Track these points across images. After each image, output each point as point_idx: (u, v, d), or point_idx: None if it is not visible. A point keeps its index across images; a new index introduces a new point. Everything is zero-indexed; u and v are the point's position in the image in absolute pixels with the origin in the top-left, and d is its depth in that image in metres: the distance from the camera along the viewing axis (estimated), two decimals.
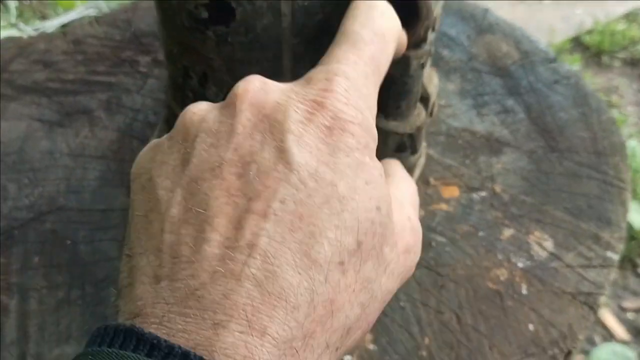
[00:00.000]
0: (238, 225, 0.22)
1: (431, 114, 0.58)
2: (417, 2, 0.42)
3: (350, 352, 0.25)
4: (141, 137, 0.61)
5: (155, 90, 0.66)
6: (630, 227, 1.36)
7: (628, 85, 1.81)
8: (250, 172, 0.23)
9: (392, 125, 0.52)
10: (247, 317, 0.20)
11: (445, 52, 0.71)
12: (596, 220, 0.55)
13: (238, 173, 0.24)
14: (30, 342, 0.47)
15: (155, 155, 0.27)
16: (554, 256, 0.52)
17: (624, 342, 1.17)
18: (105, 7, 1.77)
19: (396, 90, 0.49)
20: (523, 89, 0.67)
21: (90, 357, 0.20)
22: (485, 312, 0.49)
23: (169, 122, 0.58)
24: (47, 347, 0.46)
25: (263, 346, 0.20)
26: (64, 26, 1.77)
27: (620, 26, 1.97)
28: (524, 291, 0.50)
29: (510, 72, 0.69)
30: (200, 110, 0.28)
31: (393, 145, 0.53)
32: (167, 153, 0.26)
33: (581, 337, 0.48)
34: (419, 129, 0.52)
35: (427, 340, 0.47)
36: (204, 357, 0.19)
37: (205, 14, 0.42)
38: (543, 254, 0.53)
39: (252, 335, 0.20)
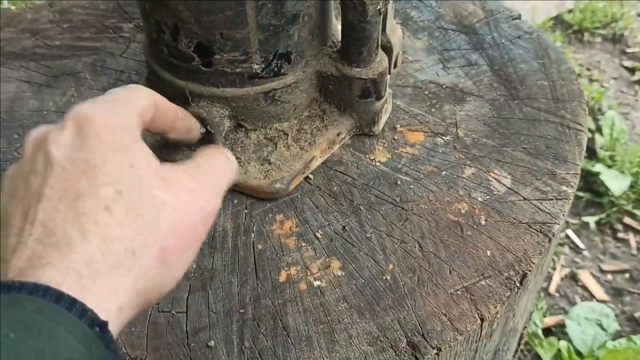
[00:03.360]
0: (25, 216, 0.33)
1: (395, 65, 0.62)
2: None
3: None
4: None
5: (137, 53, 0.69)
6: (610, 194, 1.40)
7: (609, 60, 1.85)
8: (31, 181, 0.34)
9: (355, 71, 0.55)
10: (34, 261, 0.31)
11: (413, 13, 0.75)
12: (553, 159, 0.59)
13: (24, 185, 0.34)
14: None
15: None
16: (511, 191, 0.56)
17: (603, 302, 1.21)
18: None
19: (356, 37, 0.53)
20: (487, 44, 0.70)
21: None
22: (446, 241, 0.52)
23: (149, 79, 0.62)
24: None
25: (45, 271, 0.30)
26: None
27: (601, 4, 2.00)
28: (483, 222, 0.54)
29: (475, 29, 0.72)
30: (12, 169, 0.37)
31: (357, 91, 0.56)
32: None
33: (535, 261, 0.52)
34: (381, 74, 0.55)
35: (391, 266, 0.51)
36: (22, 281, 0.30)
37: None
38: (502, 189, 0.56)
39: (38, 268, 0.30)
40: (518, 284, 0.50)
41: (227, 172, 0.42)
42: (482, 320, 0.48)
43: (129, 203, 0.33)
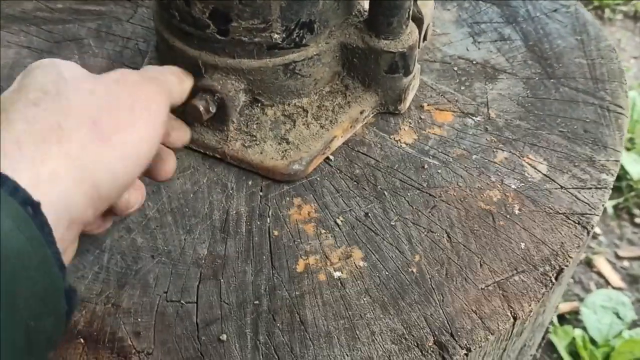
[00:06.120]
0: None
1: (425, 38, 0.57)
2: None
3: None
4: (132, 64, 0.60)
5: (146, 19, 0.64)
6: (628, 178, 1.35)
7: (630, 39, 1.79)
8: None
9: (383, 43, 0.51)
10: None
11: None
12: (592, 144, 0.55)
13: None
14: None
15: None
16: (547, 178, 0.52)
17: (619, 289, 1.18)
18: None
19: (386, 5, 0.48)
20: (521, 17, 0.66)
21: None
22: (477, 231, 0.49)
23: (159, 48, 0.57)
24: None
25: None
26: None
27: None
28: (516, 211, 0.50)
29: (508, 1, 0.67)
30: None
31: (384, 65, 0.52)
32: None
33: (573, 255, 0.48)
34: (411, 48, 0.51)
35: (417, 258, 0.47)
36: None
37: None
38: (537, 176, 0.52)
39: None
40: (554, 280, 0.46)
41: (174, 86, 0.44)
42: (515, 318, 0.44)
43: (57, 95, 0.35)
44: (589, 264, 1.24)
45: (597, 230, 1.30)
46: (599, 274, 1.22)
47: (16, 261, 0.28)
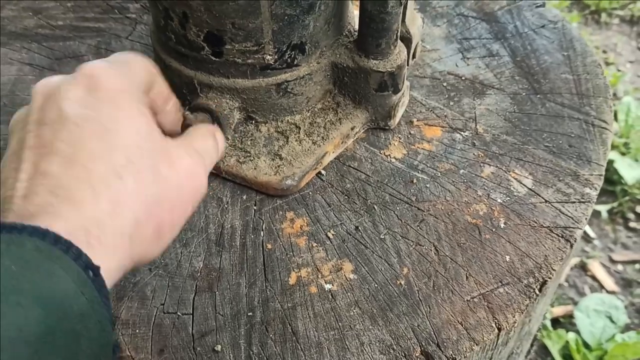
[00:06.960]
0: (37, 165, 0.33)
1: (414, 56, 0.59)
2: None
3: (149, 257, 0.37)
4: None
5: (144, 36, 0.66)
6: (622, 182, 1.37)
7: (626, 43, 1.80)
8: (43, 131, 0.34)
9: (372, 63, 0.52)
10: (47, 209, 0.32)
11: None
12: (576, 158, 0.56)
13: (35, 134, 0.35)
14: None
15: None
16: (532, 192, 0.54)
17: (613, 293, 1.19)
18: None
19: (375, 28, 0.50)
20: (509, 33, 0.67)
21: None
22: (463, 245, 0.50)
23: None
24: None
25: (55, 221, 0.31)
26: None
27: None
28: (502, 225, 0.52)
29: (497, 17, 0.69)
30: (18, 114, 0.38)
31: (374, 84, 0.54)
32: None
33: (556, 268, 0.50)
34: (400, 67, 0.53)
35: (405, 270, 0.49)
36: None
37: None
38: (522, 190, 0.54)
39: (48, 215, 0.31)
40: (537, 292, 0.48)
41: (215, 157, 0.44)
42: (499, 329, 0.46)
43: (138, 174, 0.35)
44: (583, 267, 1.26)
45: (592, 234, 1.32)
46: (594, 278, 1.24)
47: (79, 323, 0.29)
